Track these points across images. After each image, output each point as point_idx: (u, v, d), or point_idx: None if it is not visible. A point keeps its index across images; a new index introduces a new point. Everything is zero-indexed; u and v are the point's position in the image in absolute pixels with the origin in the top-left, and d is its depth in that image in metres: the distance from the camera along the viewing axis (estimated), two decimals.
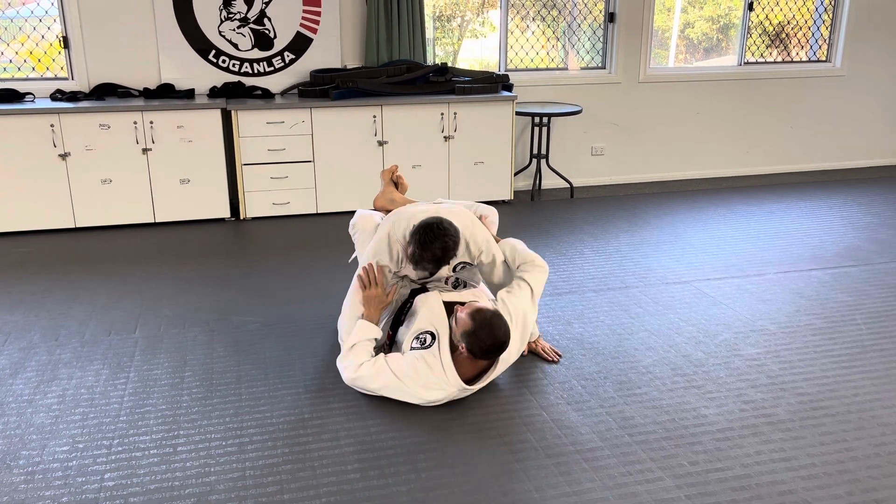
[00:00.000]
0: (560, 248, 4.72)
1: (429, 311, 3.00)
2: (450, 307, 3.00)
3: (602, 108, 6.22)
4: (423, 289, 3.21)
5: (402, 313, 3.17)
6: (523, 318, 3.01)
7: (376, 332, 3.04)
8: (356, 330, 3.02)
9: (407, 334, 3.00)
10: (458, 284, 3.24)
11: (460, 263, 3.15)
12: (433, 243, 2.87)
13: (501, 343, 2.79)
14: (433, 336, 2.91)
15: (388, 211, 3.45)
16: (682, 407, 2.90)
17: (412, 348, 2.90)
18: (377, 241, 3.13)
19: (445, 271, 3.15)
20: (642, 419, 2.81)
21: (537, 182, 6.04)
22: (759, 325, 3.61)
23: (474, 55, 6.27)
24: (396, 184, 3.66)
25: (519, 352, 3.06)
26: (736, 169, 6.72)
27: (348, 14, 5.56)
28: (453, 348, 2.86)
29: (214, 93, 5.33)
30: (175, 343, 3.43)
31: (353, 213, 5.19)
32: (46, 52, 5.28)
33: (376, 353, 3.07)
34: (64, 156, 4.86)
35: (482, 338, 2.75)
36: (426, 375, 2.82)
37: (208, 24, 5.31)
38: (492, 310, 2.82)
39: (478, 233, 3.13)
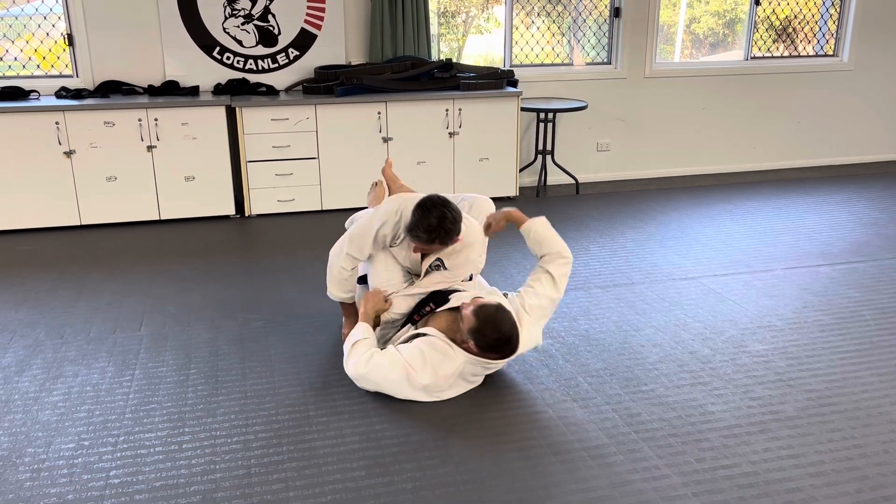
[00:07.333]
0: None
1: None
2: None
3: (607, 104, 6.19)
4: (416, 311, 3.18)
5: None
6: (538, 309, 3.01)
7: (373, 336, 3.04)
8: (356, 330, 3.02)
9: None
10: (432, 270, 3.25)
11: (436, 261, 3.16)
12: (431, 211, 2.92)
13: (508, 337, 2.81)
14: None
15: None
16: (688, 404, 2.88)
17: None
18: (385, 212, 3.10)
19: (428, 260, 3.15)
20: (648, 416, 2.80)
21: (543, 178, 6.02)
22: (767, 322, 3.59)
23: (479, 51, 6.25)
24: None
25: (534, 341, 3.03)
26: (742, 164, 6.69)
27: (352, 10, 5.55)
28: (460, 343, 2.87)
29: (219, 90, 5.33)
30: (180, 340, 3.42)
31: (358, 209, 5.21)
32: (51, 49, 5.29)
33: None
34: (69, 153, 4.87)
35: (487, 333, 2.78)
36: (433, 357, 2.84)
37: (212, 20, 5.31)
38: (494, 304, 2.83)
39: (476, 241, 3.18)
